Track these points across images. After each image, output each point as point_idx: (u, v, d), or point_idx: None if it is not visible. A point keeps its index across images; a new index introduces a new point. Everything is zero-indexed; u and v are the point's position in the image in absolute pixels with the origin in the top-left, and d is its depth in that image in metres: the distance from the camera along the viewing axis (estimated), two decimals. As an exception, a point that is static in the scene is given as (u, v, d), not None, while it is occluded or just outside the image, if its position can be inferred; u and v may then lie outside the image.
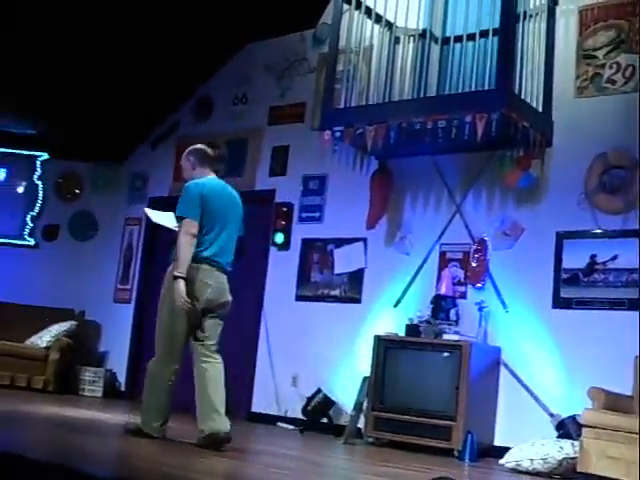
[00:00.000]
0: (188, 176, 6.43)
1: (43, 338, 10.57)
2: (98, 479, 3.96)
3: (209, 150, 6.50)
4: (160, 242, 11.02)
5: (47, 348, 10.41)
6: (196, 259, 6.03)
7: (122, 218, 11.39)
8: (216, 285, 6.11)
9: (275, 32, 10.01)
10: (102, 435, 6.46)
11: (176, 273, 5.93)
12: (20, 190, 11.88)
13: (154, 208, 10.95)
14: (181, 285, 5.91)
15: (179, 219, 6.18)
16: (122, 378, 10.85)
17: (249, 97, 10.45)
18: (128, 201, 11.47)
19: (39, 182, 11.78)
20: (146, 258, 11.07)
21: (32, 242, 11.65)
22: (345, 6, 8.49)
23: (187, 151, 6.52)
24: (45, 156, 11.81)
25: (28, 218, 11.68)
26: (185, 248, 6.03)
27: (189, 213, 6.13)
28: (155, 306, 10.69)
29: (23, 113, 10.91)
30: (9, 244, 11.63)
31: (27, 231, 11.65)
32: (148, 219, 7.24)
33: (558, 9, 7.99)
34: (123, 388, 10.82)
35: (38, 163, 11.82)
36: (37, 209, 11.73)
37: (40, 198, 11.75)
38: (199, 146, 6.54)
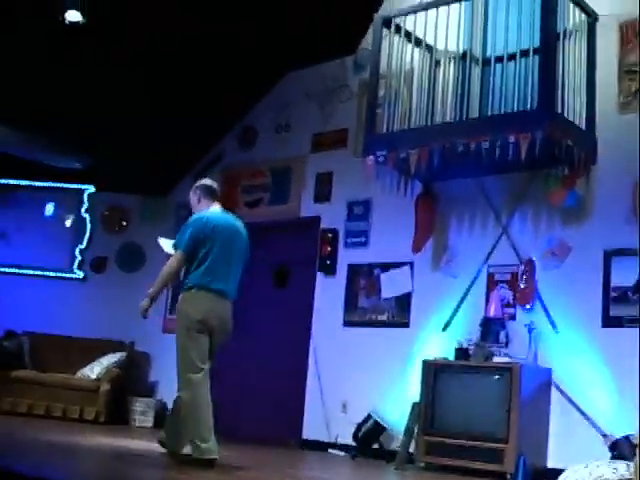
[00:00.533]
0: (194, 209, 6.87)
1: (94, 369, 10.66)
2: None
3: (215, 185, 6.99)
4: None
5: (98, 379, 10.51)
6: (201, 287, 6.39)
7: (169, 248, 11.44)
8: (220, 313, 6.46)
9: (315, 59, 10.05)
10: (154, 465, 6.46)
11: (148, 291, 6.42)
12: (68, 224, 12.00)
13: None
14: (146, 303, 6.39)
15: (175, 247, 6.59)
16: (173, 408, 10.87)
17: (292, 125, 10.50)
18: (174, 231, 11.40)
19: (86, 215, 11.91)
20: (194, 288, 11.11)
21: (81, 275, 11.76)
22: (385, 31, 8.51)
23: (195, 186, 6.96)
24: (92, 189, 11.95)
25: (76, 251, 11.80)
26: (165, 277, 6.50)
27: (181, 245, 6.52)
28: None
29: (69, 147, 11.02)
30: (59, 277, 11.76)
31: (76, 264, 11.77)
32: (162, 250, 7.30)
33: (598, 25, 7.94)
34: (174, 418, 10.82)
35: (85, 196, 11.96)
36: (85, 242, 11.85)
37: (88, 231, 11.88)
38: (206, 182, 7.04)
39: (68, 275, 11.75)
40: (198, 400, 6.27)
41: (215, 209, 6.78)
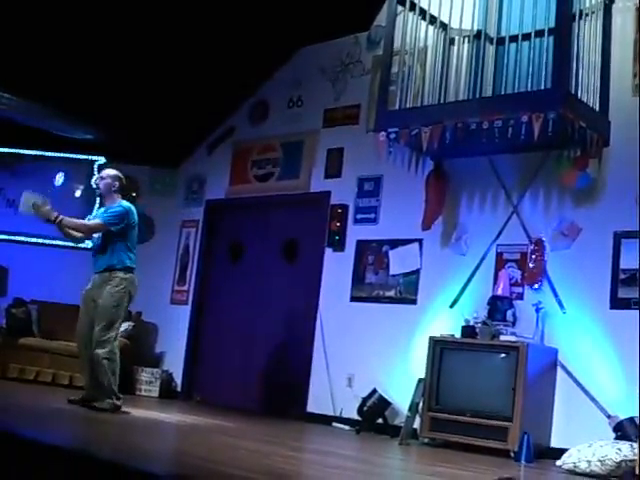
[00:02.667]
0: (107, 193, 7.86)
1: (101, 339, 10.69)
2: (155, 477, 3.99)
3: (125, 181, 8.02)
4: (217, 244, 11.13)
5: (105, 349, 10.53)
6: (129, 270, 7.67)
7: (179, 220, 11.50)
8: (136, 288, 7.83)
9: (329, 35, 10.03)
10: (158, 434, 6.51)
11: (63, 217, 7.70)
12: (78, 194, 12.01)
13: (213, 212, 11.13)
14: (50, 214, 7.67)
15: (103, 226, 7.73)
16: (178, 379, 10.94)
17: (304, 100, 10.49)
18: (184, 204, 11.58)
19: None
20: (203, 260, 11.16)
21: (90, 245, 11.75)
22: (399, 8, 8.48)
23: (114, 174, 7.90)
24: (102, 160, 11.94)
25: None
26: (80, 229, 7.97)
27: (110, 221, 7.67)
28: (212, 307, 10.84)
29: (80, 118, 11.03)
30: (67, 247, 11.76)
31: (85, 234, 11.77)
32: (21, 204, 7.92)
33: (615, 7, 7.91)
34: (179, 389, 10.90)
35: (95, 167, 11.95)
36: (94, 212, 11.84)
37: (97, 202, 11.87)
38: (121, 175, 7.95)
39: (77, 245, 11.73)
40: (117, 357, 7.56)
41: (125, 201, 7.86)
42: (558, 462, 6.59)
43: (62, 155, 12.02)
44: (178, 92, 10.35)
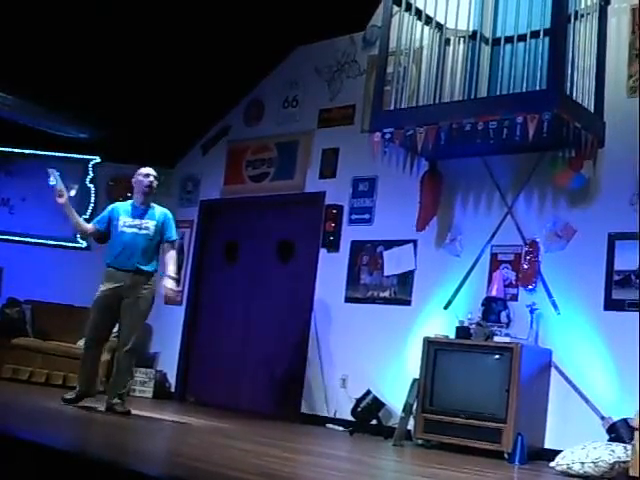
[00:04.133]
0: (151, 194, 7.94)
1: (95, 339, 10.67)
2: (149, 478, 3.98)
3: None
4: (211, 244, 11.11)
5: (99, 349, 10.51)
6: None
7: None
8: None
9: (325, 35, 10.02)
10: (152, 435, 6.49)
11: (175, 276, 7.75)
12: (72, 193, 11.96)
13: (207, 212, 11.11)
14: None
15: (175, 242, 7.91)
16: (172, 379, 10.92)
17: (299, 100, 10.47)
18: (179, 204, 11.54)
19: (91, 185, 11.89)
20: (197, 260, 11.14)
21: (84, 244, 11.76)
22: (395, 8, 8.48)
23: (155, 175, 7.92)
24: (97, 160, 11.93)
25: (80, 221, 11.80)
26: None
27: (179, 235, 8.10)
28: (207, 307, 10.83)
29: (76, 118, 11.01)
30: (62, 246, 11.76)
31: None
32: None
33: (610, 8, 7.92)
34: (173, 389, 10.88)
35: (90, 167, 11.93)
36: (89, 212, 11.82)
37: (92, 201, 11.86)
38: None
39: (71, 244, 11.75)
40: None
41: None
42: (552, 464, 6.57)
43: (57, 154, 11.98)
44: (173, 92, 10.34)
